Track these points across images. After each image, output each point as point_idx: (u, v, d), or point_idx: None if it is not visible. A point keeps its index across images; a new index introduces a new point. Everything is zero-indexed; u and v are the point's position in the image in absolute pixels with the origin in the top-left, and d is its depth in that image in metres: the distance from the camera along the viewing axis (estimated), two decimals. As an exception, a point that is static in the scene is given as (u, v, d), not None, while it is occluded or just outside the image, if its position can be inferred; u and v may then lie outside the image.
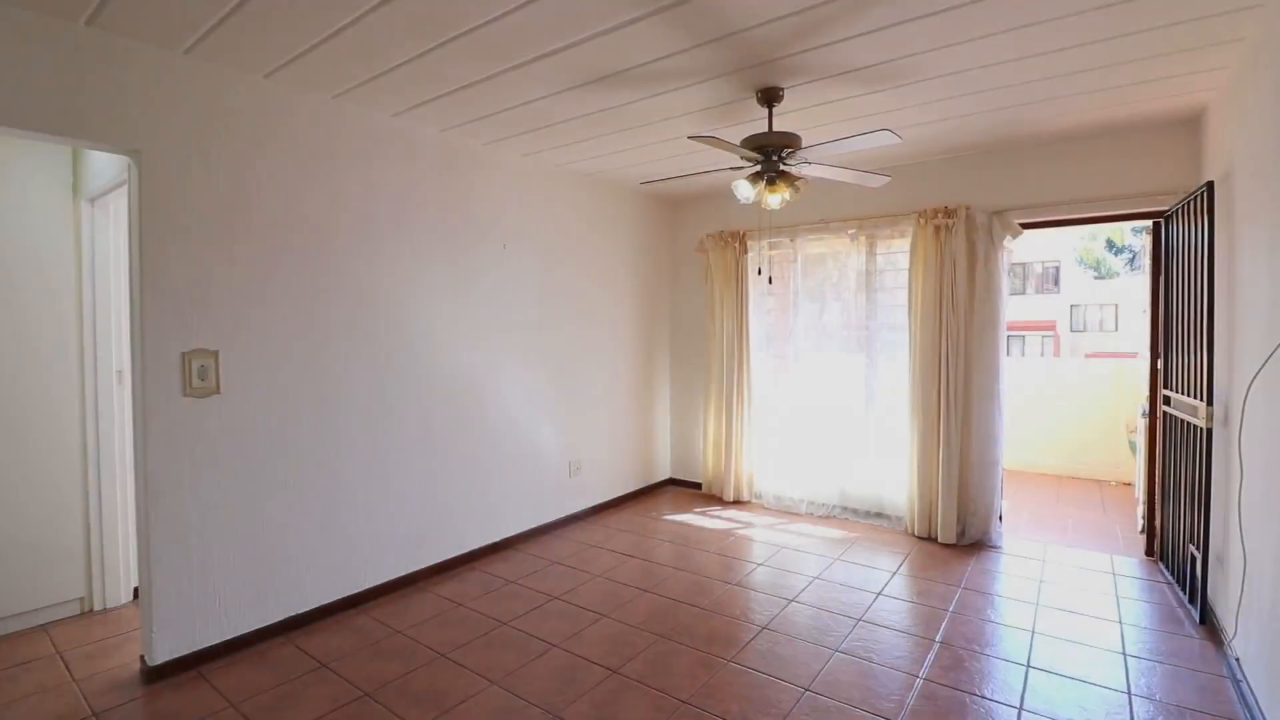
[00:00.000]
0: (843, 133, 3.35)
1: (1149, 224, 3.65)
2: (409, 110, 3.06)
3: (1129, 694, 2.31)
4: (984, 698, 2.30)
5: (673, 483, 5.42)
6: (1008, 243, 3.82)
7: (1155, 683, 2.38)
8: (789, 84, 2.75)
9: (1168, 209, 3.30)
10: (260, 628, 2.72)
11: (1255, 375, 2.10)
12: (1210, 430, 2.68)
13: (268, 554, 2.74)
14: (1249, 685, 2.20)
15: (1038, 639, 2.73)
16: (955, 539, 3.89)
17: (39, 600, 2.87)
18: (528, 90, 2.80)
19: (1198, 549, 2.80)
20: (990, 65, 2.58)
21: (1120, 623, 2.86)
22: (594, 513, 4.58)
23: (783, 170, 2.87)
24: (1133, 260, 21.31)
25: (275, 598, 2.78)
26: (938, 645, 2.68)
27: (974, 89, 2.84)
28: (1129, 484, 5.34)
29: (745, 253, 4.77)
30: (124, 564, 3.09)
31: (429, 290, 3.39)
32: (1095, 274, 22.24)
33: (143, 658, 2.49)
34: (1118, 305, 21.36)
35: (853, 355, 4.47)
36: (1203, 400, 2.71)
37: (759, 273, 4.70)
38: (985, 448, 3.87)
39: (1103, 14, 2.16)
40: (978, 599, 3.13)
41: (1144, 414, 3.86)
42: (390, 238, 3.19)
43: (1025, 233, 3.82)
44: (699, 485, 5.21)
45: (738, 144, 2.75)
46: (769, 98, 2.81)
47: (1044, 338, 22.10)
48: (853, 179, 3.08)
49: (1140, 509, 3.95)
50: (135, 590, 3.11)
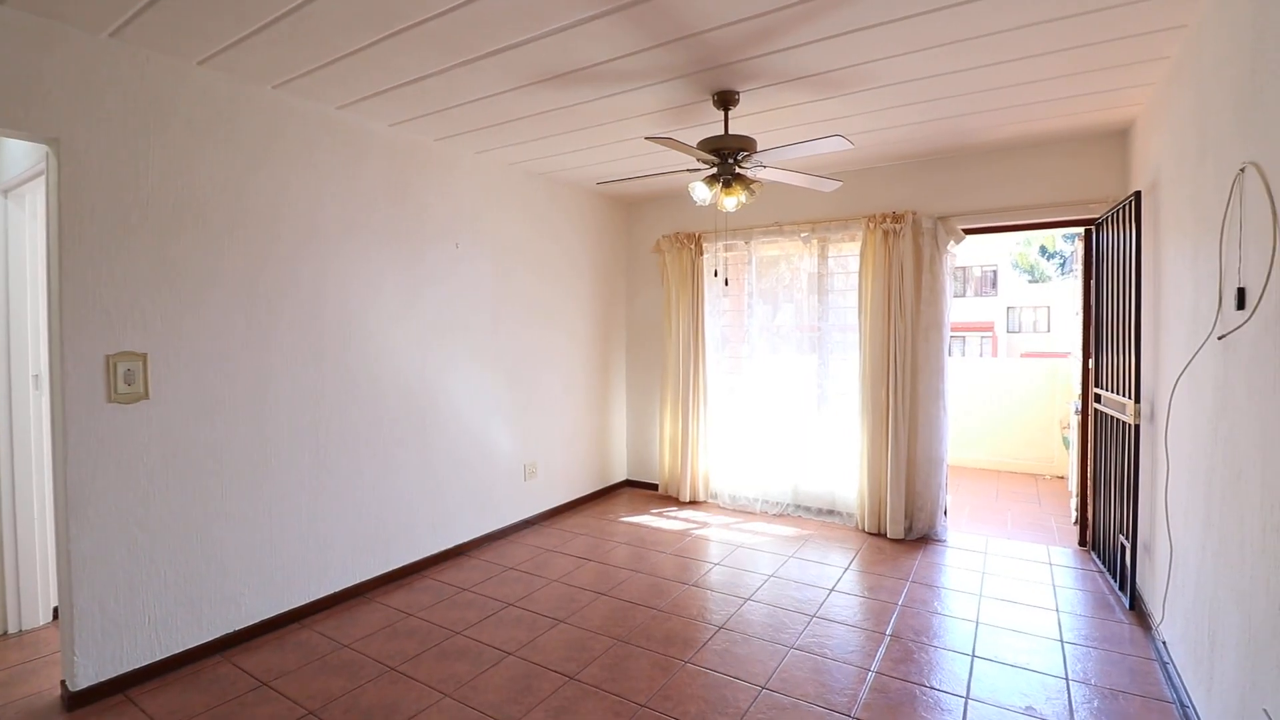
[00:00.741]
0: (797, 137, 3.40)
1: (1081, 231, 3.84)
2: (356, 103, 2.95)
3: (1067, 679, 2.42)
4: (933, 688, 2.37)
5: (629, 484, 5.41)
6: (951, 247, 3.96)
7: (1090, 667, 2.49)
8: (745, 88, 2.77)
9: (1098, 217, 3.47)
10: (194, 646, 2.57)
11: (1180, 375, 2.23)
12: (1138, 427, 2.84)
13: (202, 568, 2.60)
14: (1175, 667, 2.33)
15: (982, 629, 2.83)
16: (903, 534, 4.00)
17: (-58, 624, 2.65)
18: (481, 86, 2.74)
19: (1127, 539, 2.95)
20: (936, 76, 2.66)
21: (1057, 611, 2.99)
22: (550, 516, 4.52)
23: (739, 173, 2.89)
24: (1063, 265, 22.48)
25: (211, 614, 2.63)
26: (888, 638, 2.75)
27: (921, 98, 2.93)
28: (1062, 478, 5.62)
29: (701, 254, 4.80)
30: (42, 582, 2.88)
31: (377, 290, 3.28)
32: (1030, 278, 23.36)
33: (64, 683, 2.32)
34: (1050, 307, 22.51)
35: (805, 356, 4.56)
36: (1131, 398, 2.86)
37: (715, 274, 4.73)
38: (931, 445, 4.00)
39: (1039, 30, 2.25)
40: (925, 592, 3.22)
41: (1076, 411, 4.06)
42: (336, 235, 3.07)
43: (967, 238, 3.96)
44: (655, 486, 5.22)
45: (694, 146, 2.75)
46: (725, 101, 2.83)
47: (983, 338, 23.09)
48: (806, 183, 3.13)
49: (1074, 501, 4.15)
50: (55, 610, 2.90)
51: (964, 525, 4.31)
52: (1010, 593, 3.20)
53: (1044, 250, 23.04)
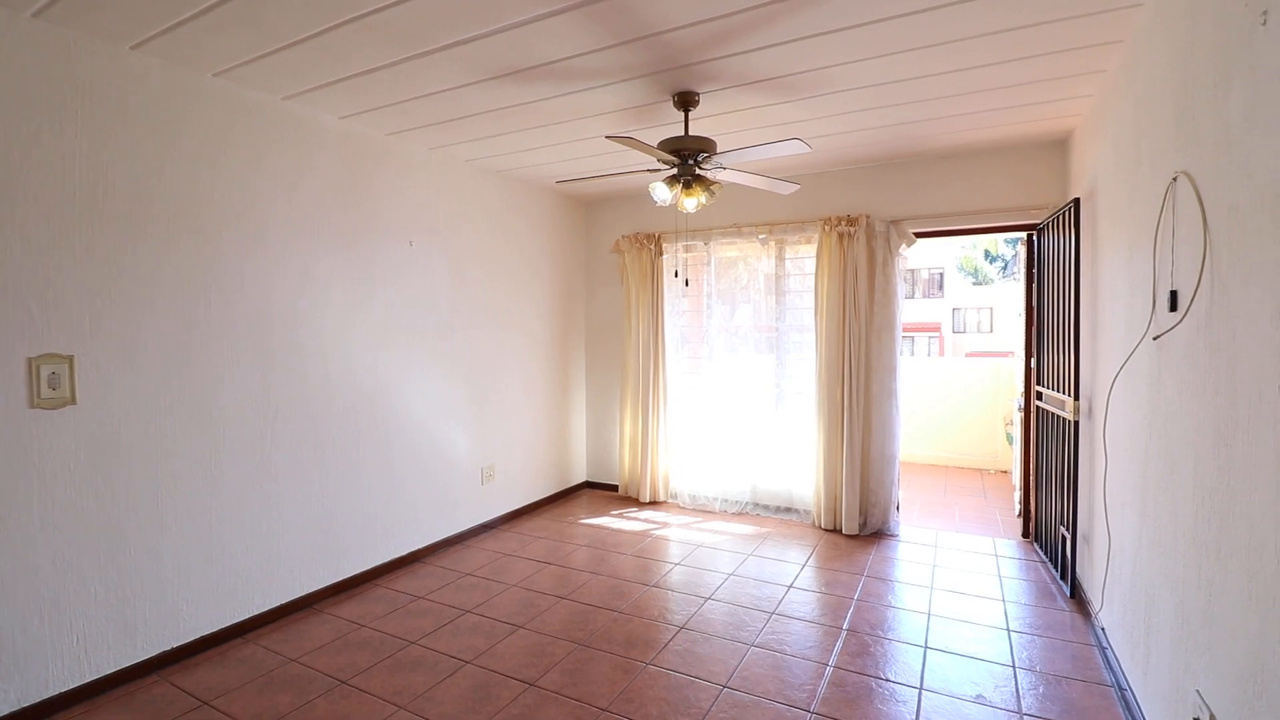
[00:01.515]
0: (756, 140, 3.43)
1: (1024, 235, 4.00)
2: (303, 94, 2.83)
3: (1014, 667, 2.51)
4: (888, 680, 2.42)
5: (589, 486, 5.37)
6: (903, 250, 4.07)
7: (1035, 655, 2.59)
8: (705, 89, 2.78)
9: (1040, 222, 3.62)
10: (129, 666, 2.42)
11: (1118, 373, 2.34)
12: (1077, 423, 2.97)
13: (136, 582, 2.45)
14: (1113, 652, 2.45)
15: (933, 620, 2.91)
16: (858, 530, 4.09)
17: None
18: (436, 80, 2.67)
19: (1067, 530, 3.09)
20: (889, 83, 2.73)
21: (1003, 601, 3.10)
22: (509, 520, 4.45)
23: (699, 174, 2.90)
24: (1005, 268, 23.49)
25: (146, 631, 2.48)
26: (845, 633, 2.80)
27: (875, 104, 3.00)
28: (1006, 472, 5.84)
29: (661, 255, 4.80)
30: (-47, 602, 2.66)
31: (325, 288, 3.16)
32: (974, 280, 24.31)
33: (-22, 711, 2.15)
34: (993, 309, 23.47)
35: (763, 356, 4.61)
36: (1070, 395, 2.99)
37: (675, 275, 4.74)
38: (884, 443, 4.10)
39: (986, 41, 2.33)
40: (880, 586, 3.30)
41: (1019, 408, 4.23)
42: (281, 231, 2.95)
43: (918, 241, 4.08)
44: (616, 487, 5.20)
45: (655, 146, 2.75)
46: (685, 102, 2.83)
47: (930, 339, 23.90)
48: (765, 185, 3.16)
49: (1017, 495, 4.32)
50: (-31, 632, 2.69)
51: (915, 520, 4.44)
52: (960, 584, 3.30)
53: (987, 254, 24.04)
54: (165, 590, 2.54)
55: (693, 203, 2.93)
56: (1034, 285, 3.84)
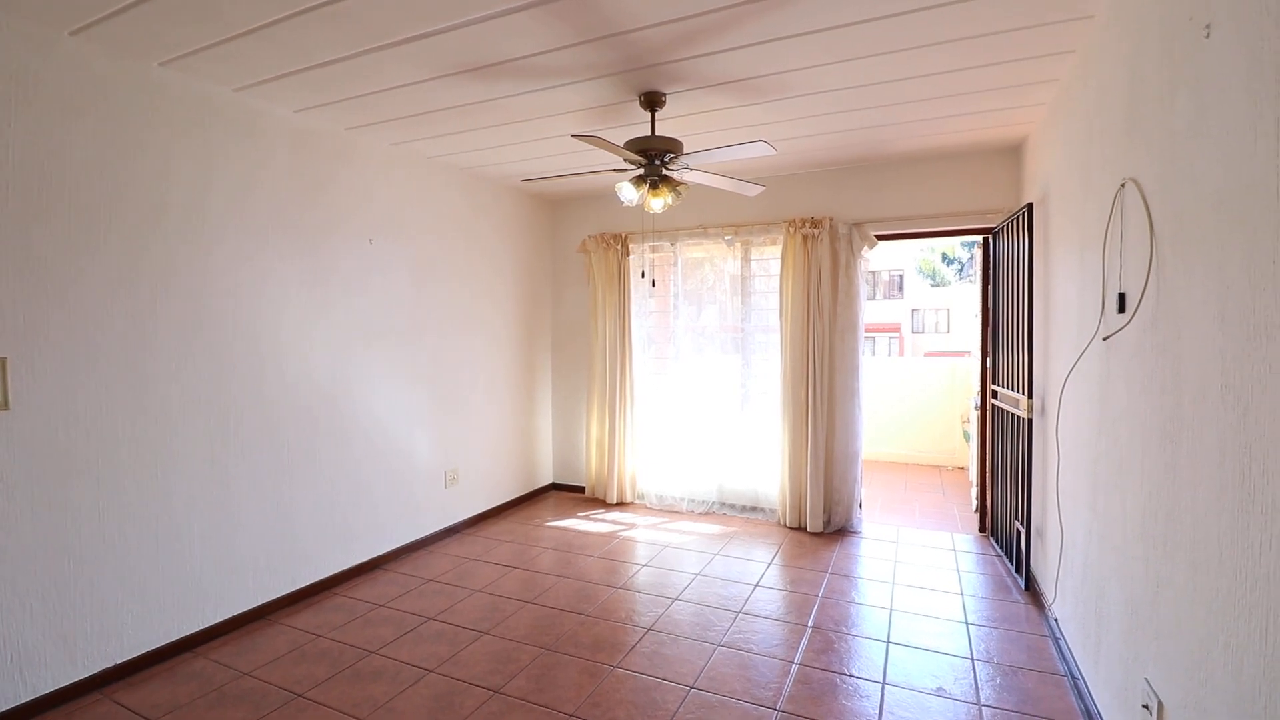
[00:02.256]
0: (721, 141, 3.45)
1: (980, 239, 4.11)
2: (256, 86, 2.73)
3: (972, 659, 2.57)
4: (852, 676, 2.46)
5: (555, 487, 5.33)
6: (865, 252, 4.14)
7: (993, 647, 2.66)
8: (671, 90, 2.78)
9: (995, 226, 3.73)
10: (69, 684, 2.30)
11: (1069, 373, 2.42)
12: (1031, 421, 3.07)
13: (76, 596, 2.32)
14: (1066, 642, 2.53)
15: (895, 616, 2.96)
16: (822, 527, 4.15)
17: None
18: (397, 74, 2.61)
19: (1022, 525, 3.18)
20: (851, 88, 2.77)
21: (962, 595, 3.18)
22: (473, 523, 4.38)
23: (665, 175, 2.90)
24: (961, 270, 24.19)
25: (88, 647, 2.36)
26: (810, 630, 2.83)
27: (838, 108, 3.04)
28: (963, 469, 6.01)
29: (627, 255, 4.79)
30: None
31: (280, 288, 3.05)
32: (932, 282, 24.98)
33: (-102, 738, 2.01)
34: (949, 310, 24.14)
35: (729, 356, 4.64)
36: (1024, 394, 3.08)
37: (642, 275, 4.73)
38: (847, 441, 4.16)
39: (943, 49, 2.39)
40: (843, 583, 3.35)
41: (976, 406, 4.35)
42: (233, 229, 2.83)
43: (879, 244, 4.16)
44: (582, 489, 5.16)
45: (622, 146, 2.73)
46: (652, 102, 2.82)
47: (891, 339, 24.46)
48: (731, 187, 3.18)
49: (974, 491, 4.44)
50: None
51: (877, 516, 4.52)
52: (920, 580, 3.37)
53: (945, 257, 24.73)
54: (108, 604, 2.41)
55: (659, 203, 2.93)
56: (989, 287, 3.95)
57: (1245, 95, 1.16)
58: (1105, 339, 2.01)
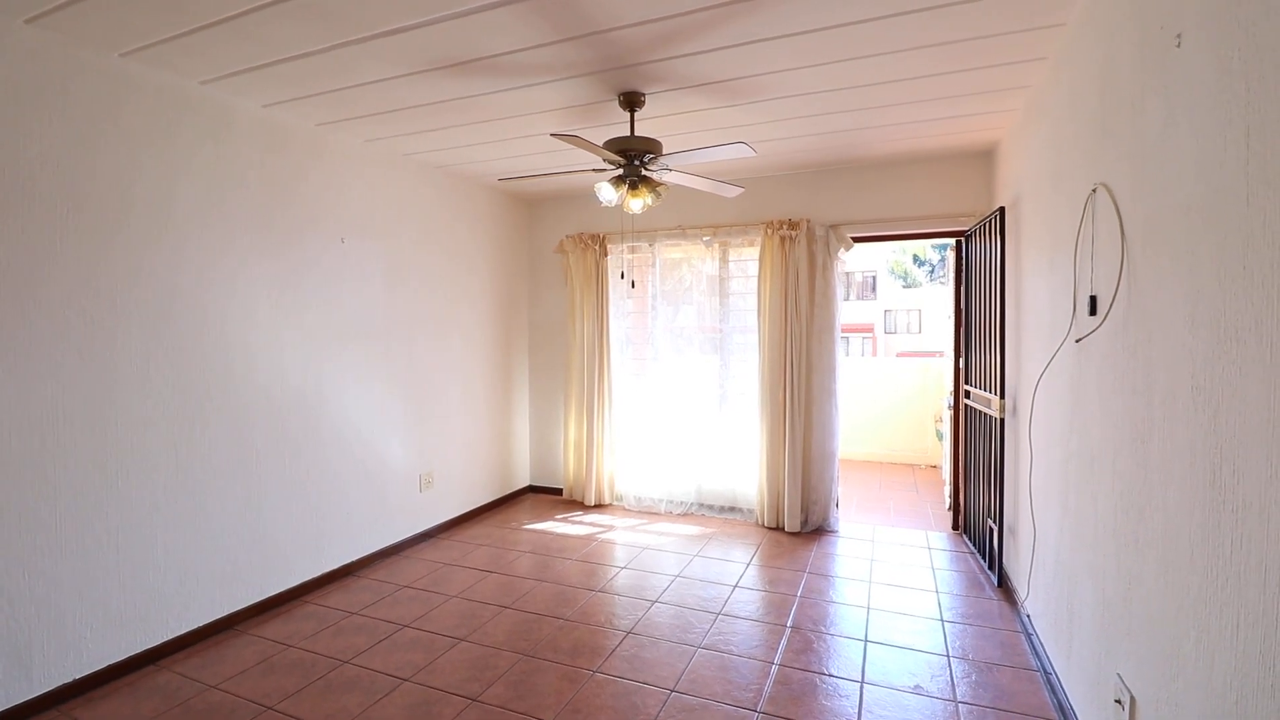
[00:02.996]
0: (701, 143, 3.45)
1: (953, 241, 4.18)
2: (223, 79, 2.64)
3: (948, 656, 2.60)
4: (831, 675, 2.47)
5: (533, 490, 5.28)
6: (842, 254, 4.18)
7: (967, 644, 2.70)
8: (651, 90, 2.77)
9: (968, 229, 3.79)
10: (22, 703, 2.19)
11: (1042, 373, 2.46)
12: (1003, 420, 3.12)
13: (28, 610, 2.22)
14: (1039, 638, 2.58)
15: (873, 614, 2.99)
16: (800, 527, 4.18)
17: None
18: (371, 69, 2.55)
19: (994, 523, 3.24)
20: (828, 91, 2.79)
21: (936, 592, 3.22)
22: (449, 527, 4.31)
23: (645, 175, 2.88)
24: (932, 272, 24.65)
25: (43, 662, 2.26)
26: (789, 630, 2.84)
27: (815, 111, 3.06)
28: (936, 467, 6.11)
29: (606, 255, 4.77)
30: None
31: (248, 289, 2.96)
32: (904, 283, 25.42)
33: None
34: (921, 310, 24.59)
35: (708, 357, 4.65)
36: (996, 394, 3.14)
37: (621, 276, 4.71)
38: (824, 441, 4.20)
39: (917, 54, 2.42)
40: (821, 582, 3.37)
41: (949, 406, 4.42)
42: (198, 228, 2.74)
43: (855, 245, 4.20)
44: (560, 491, 5.12)
45: (601, 146, 2.71)
46: (631, 102, 2.81)
47: (864, 339, 24.82)
48: (710, 188, 3.18)
49: (947, 489, 4.51)
50: None
51: (854, 515, 4.57)
52: (896, 578, 3.41)
53: (916, 258, 25.18)
54: (65, 617, 2.31)
55: (638, 204, 2.91)
56: (962, 289, 4.01)
57: (1215, 103, 1.18)
58: (1077, 341, 2.04)
